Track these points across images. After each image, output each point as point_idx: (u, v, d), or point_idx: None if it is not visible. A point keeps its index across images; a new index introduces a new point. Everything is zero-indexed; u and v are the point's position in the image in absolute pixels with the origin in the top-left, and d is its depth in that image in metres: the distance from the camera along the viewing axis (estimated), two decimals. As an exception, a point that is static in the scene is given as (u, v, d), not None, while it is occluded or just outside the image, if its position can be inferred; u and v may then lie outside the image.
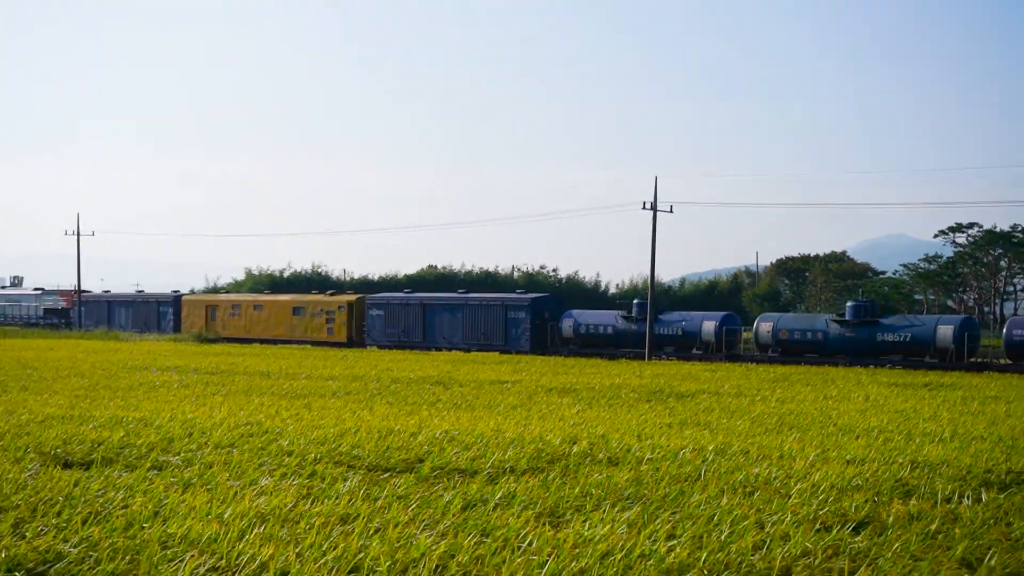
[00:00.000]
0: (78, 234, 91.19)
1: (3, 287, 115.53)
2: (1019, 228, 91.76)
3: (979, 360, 54.39)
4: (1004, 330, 55.45)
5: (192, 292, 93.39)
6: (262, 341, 72.03)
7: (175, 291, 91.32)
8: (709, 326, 61.13)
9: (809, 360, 55.51)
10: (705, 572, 8.04)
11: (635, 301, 64.57)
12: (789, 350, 57.35)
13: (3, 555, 7.82)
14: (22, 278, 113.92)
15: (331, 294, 77.10)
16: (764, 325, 59.60)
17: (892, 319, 58.92)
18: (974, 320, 60.56)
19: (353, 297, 74.92)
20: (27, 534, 8.65)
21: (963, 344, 53.30)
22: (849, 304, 58.95)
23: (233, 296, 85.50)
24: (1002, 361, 53.96)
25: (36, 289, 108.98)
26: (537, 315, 65.65)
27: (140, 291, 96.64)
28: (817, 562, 8.58)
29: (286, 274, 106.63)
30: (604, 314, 66.62)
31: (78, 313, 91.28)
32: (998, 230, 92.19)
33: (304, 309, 75.16)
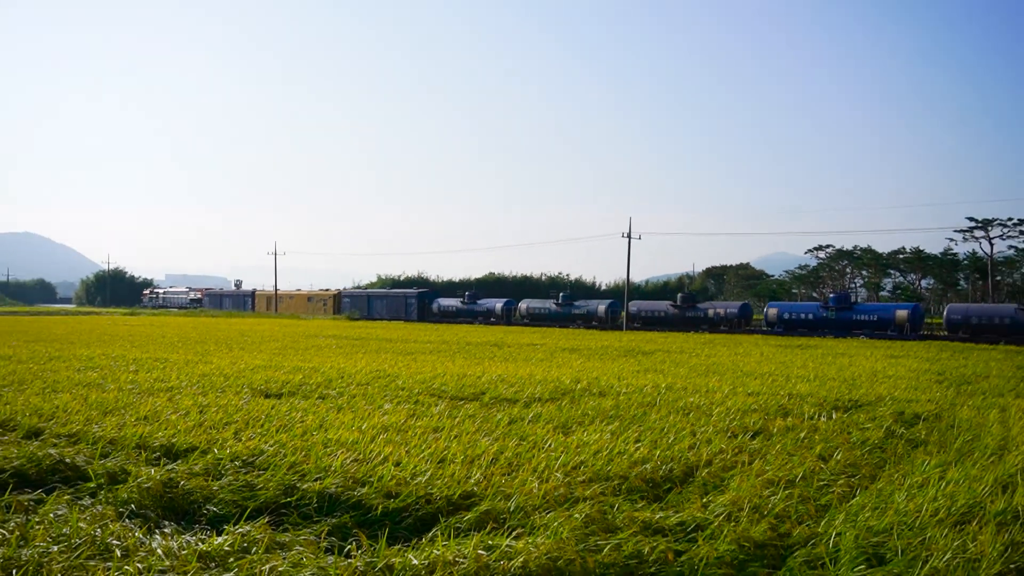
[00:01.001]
0: (275, 253, 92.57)
1: (171, 287, 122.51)
2: (858, 248, 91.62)
3: (620, 323, 63.23)
4: (627, 310, 64.41)
5: (263, 289, 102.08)
6: (295, 316, 79.54)
7: (253, 288, 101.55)
8: (498, 305, 71.45)
9: (541, 323, 66.53)
10: (658, 462, 8.04)
11: (467, 293, 75.58)
12: (533, 317, 68.66)
13: (228, 450, 7.94)
14: (241, 281, 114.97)
15: (325, 291, 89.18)
16: (522, 305, 71.05)
17: (579, 303, 68.94)
18: (617, 303, 67.87)
19: (335, 292, 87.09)
20: (242, 438, 8.77)
21: (609, 315, 64.64)
22: (561, 295, 69.73)
23: (281, 291, 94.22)
24: (635, 324, 61.92)
25: (187, 287, 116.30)
26: (421, 300, 76.84)
27: (237, 288, 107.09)
28: (728, 456, 8.57)
29: (401, 277, 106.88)
30: (453, 300, 76.63)
31: (206, 302, 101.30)
32: (845, 249, 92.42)
33: (314, 299, 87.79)
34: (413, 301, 77.52)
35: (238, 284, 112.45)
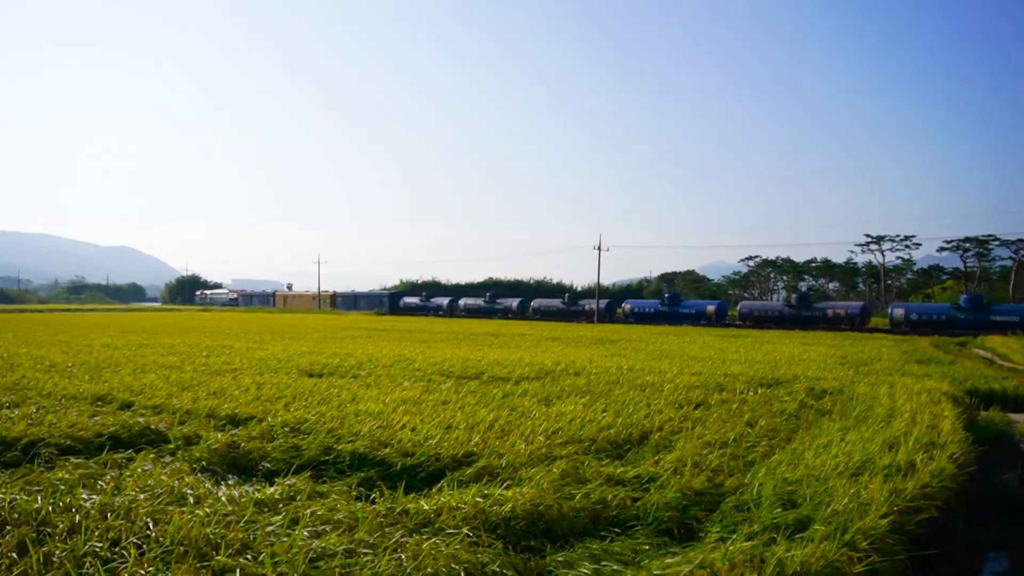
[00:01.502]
0: (318, 263, 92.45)
1: (217, 289, 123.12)
2: (780, 258, 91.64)
3: (528, 315, 65.02)
4: (531, 305, 67.34)
5: (283, 290, 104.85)
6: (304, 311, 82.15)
7: (275, 290, 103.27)
8: (445, 302, 72.19)
9: (475, 316, 65.95)
10: (620, 428, 8.05)
11: (423, 292, 78.90)
12: (469, 311, 69.12)
13: (279, 419, 7.93)
14: (292, 284, 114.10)
15: (325, 292, 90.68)
16: (461, 302, 71.42)
17: (500, 300, 69.39)
18: (527, 301, 69.05)
19: (331, 292, 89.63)
20: (291, 409, 8.75)
21: (520, 310, 66.00)
22: (489, 294, 71.09)
23: (293, 292, 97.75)
24: (536, 316, 64.46)
25: (230, 290, 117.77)
26: (392, 299, 78.86)
27: (264, 290, 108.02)
28: (675, 423, 8.57)
29: (419, 281, 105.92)
30: (414, 298, 78.26)
31: (240, 300, 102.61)
32: (770, 258, 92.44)
33: (316, 298, 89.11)
34: (386, 299, 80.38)
35: (289, 287, 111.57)
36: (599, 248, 62.28)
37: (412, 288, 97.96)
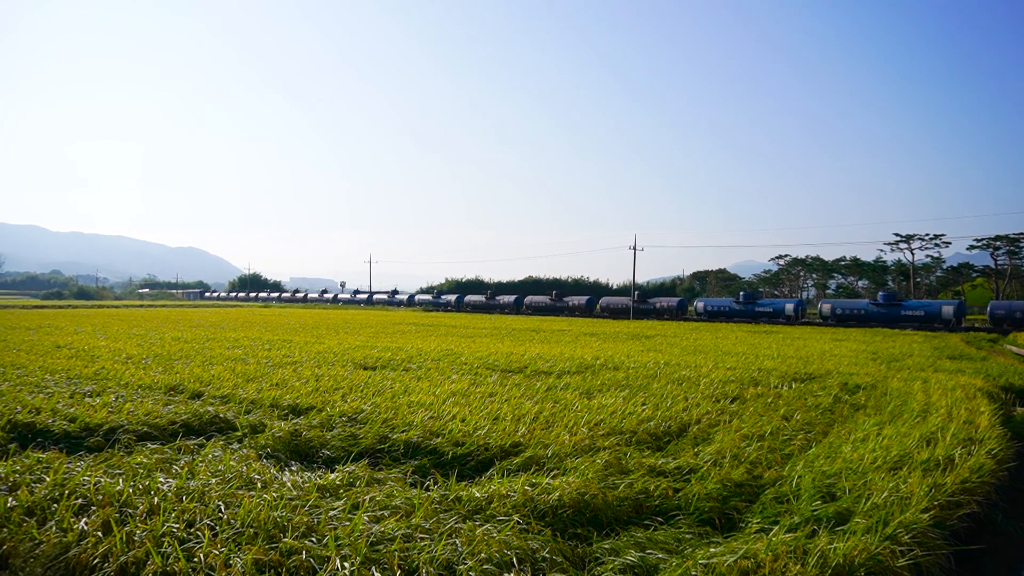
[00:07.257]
0: (370, 262, 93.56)
1: (276, 287, 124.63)
2: (810, 257, 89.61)
3: (522, 311, 67.15)
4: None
5: (313, 292, 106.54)
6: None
7: (307, 291, 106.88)
8: (510, 299, 71.69)
9: (478, 311, 68.84)
10: (659, 421, 7.93)
11: (488, 291, 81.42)
12: (474, 307, 72.26)
13: (337, 409, 8.00)
14: (344, 283, 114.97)
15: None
16: (466, 298, 73.53)
17: (499, 296, 72.62)
18: (520, 298, 70.45)
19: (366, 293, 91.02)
20: (347, 400, 8.83)
21: (513, 305, 68.64)
22: (489, 291, 76.21)
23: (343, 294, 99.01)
24: (528, 311, 67.28)
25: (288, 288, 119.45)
26: (410, 297, 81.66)
27: (343, 287, 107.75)
28: (713, 416, 8.42)
29: (463, 280, 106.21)
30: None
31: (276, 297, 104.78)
32: (799, 257, 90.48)
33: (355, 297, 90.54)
34: (403, 298, 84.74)
35: (343, 284, 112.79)
36: (634, 248, 61.74)
37: (457, 286, 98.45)
